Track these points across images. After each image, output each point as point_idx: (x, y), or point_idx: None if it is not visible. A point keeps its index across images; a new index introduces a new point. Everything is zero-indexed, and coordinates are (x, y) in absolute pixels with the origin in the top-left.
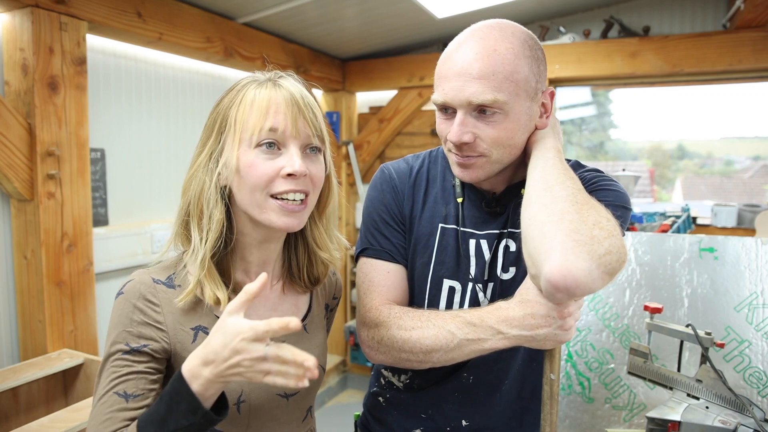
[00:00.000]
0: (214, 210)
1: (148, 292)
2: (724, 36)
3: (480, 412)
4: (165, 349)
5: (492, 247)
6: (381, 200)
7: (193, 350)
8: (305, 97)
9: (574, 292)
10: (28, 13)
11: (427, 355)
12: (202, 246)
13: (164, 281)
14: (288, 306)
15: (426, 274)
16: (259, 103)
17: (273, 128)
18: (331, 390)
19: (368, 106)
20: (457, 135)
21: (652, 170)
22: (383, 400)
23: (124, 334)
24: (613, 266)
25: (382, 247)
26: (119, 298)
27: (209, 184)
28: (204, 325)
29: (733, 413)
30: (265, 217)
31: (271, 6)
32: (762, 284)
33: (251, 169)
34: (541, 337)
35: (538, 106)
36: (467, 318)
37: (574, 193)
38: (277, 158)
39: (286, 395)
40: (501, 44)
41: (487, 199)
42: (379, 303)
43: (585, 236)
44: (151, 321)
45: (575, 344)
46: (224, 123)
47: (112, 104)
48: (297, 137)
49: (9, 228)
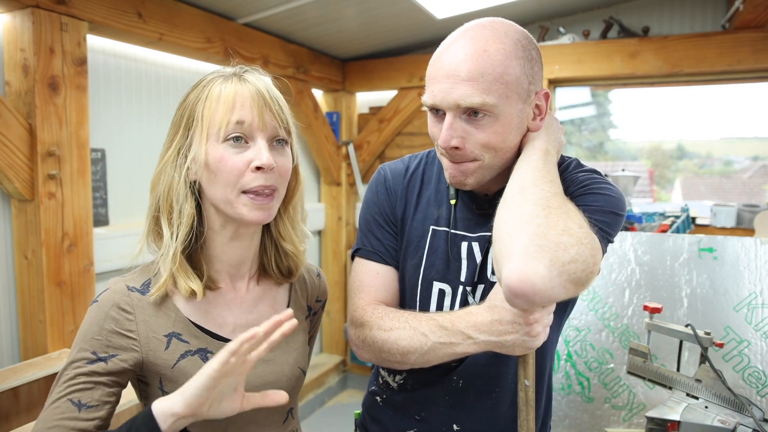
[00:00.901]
0: (185, 204)
1: (122, 300)
2: (724, 36)
3: (471, 417)
4: (135, 359)
5: (483, 250)
6: (375, 201)
7: (166, 357)
8: (271, 90)
9: (533, 299)
10: (29, 14)
11: (404, 357)
12: (173, 241)
13: (139, 288)
14: (265, 307)
15: (416, 277)
16: (225, 98)
17: (240, 121)
18: (331, 390)
19: (368, 107)
20: (445, 139)
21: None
22: (380, 399)
23: (92, 341)
24: (578, 276)
25: (373, 249)
26: (93, 306)
27: (178, 180)
28: (177, 332)
29: (733, 413)
30: (236, 212)
31: (271, 6)
32: (761, 284)
33: (221, 163)
34: (510, 344)
35: (532, 108)
36: (440, 321)
37: (547, 197)
38: (245, 151)
39: None
40: (492, 44)
41: (480, 201)
42: (366, 303)
43: (550, 242)
44: (122, 330)
45: (575, 344)
46: (191, 118)
47: (113, 104)
48: (264, 130)
49: (9, 228)
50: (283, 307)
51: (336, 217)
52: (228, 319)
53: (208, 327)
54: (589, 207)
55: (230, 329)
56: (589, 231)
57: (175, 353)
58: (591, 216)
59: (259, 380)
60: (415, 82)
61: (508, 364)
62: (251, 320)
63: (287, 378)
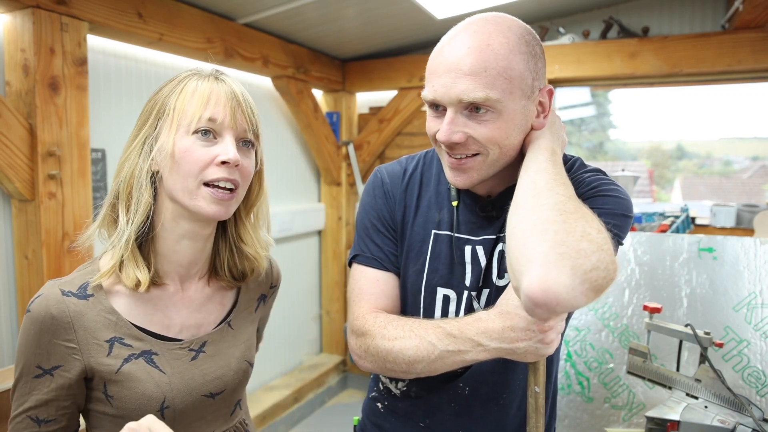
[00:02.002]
0: (143, 192)
1: (56, 308)
2: (723, 36)
3: (477, 425)
4: (79, 368)
5: (488, 253)
6: (372, 205)
7: (109, 362)
8: (244, 93)
9: (555, 309)
10: (29, 14)
11: (411, 366)
12: (128, 227)
13: (75, 292)
14: (213, 305)
15: (419, 283)
16: (200, 93)
17: (212, 118)
18: (331, 390)
19: (368, 107)
20: (446, 134)
21: (651, 170)
22: (381, 406)
23: (34, 355)
24: (599, 283)
25: (372, 255)
26: (26, 317)
27: (141, 168)
28: (120, 336)
29: (732, 412)
30: (194, 204)
31: (271, 6)
32: (761, 284)
33: (186, 154)
34: (522, 351)
35: (535, 105)
36: (447, 329)
37: (563, 201)
38: (213, 146)
39: (212, 394)
40: (495, 38)
41: (483, 202)
42: (366, 311)
43: (571, 249)
44: (60, 341)
45: (575, 344)
46: (162, 109)
47: (113, 105)
48: (234, 128)
49: (10, 228)
50: (231, 302)
51: (336, 217)
52: (175, 320)
53: (152, 328)
54: (600, 210)
55: (177, 329)
56: (607, 236)
57: (119, 358)
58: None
59: (205, 375)
60: (415, 83)
61: (516, 371)
62: (199, 319)
63: (234, 372)
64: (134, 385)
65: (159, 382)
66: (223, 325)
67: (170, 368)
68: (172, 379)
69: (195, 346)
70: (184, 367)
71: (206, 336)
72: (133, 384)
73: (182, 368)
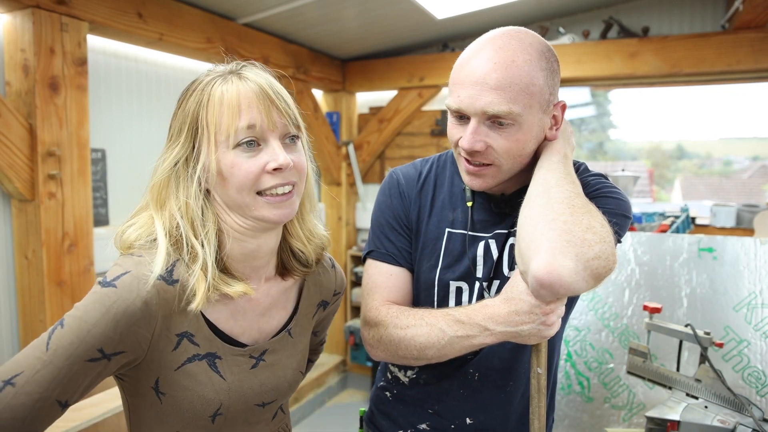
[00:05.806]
0: (206, 212)
1: (149, 295)
2: (723, 37)
3: (485, 412)
4: (138, 355)
5: (500, 247)
6: (388, 205)
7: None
8: (274, 86)
9: (558, 291)
10: (29, 14)
11: (422, 352)
12: (208, 249)
13: (164, 276)
14: (276, 310)
15: (432, 278)
16: (229, 101)
17: (250, 125)
18: (331, 390)
19: (368, 107)
20: (469, 143)
21: (651, 170)
22: (390, 395)
23: (102, 337)
24: (599, 271)
25: (386, 251)
26: (108, 293)
27: (194, 193)
28: (190, 332)
29: (732, 412)
30: (257, 214)
31: (271, 7)
32: (761, 284)
33: (234, 169)
34: (526, 333)
35: (550, 118)
36: (456, 316)
37: (571, 197)
38: (259, 154)
39: (263, 404)
40: (519, 55)
41: (497, 200)
42: (379, 303)
43: (576, 238)
44: (139, 328)
45: (575, 344)
46: (194, 125)
47: (113, 105)
48: (274, 130)
49: (10, 228)
50: (292, 307)
51: (336, 217)
52: (241, 322)
53: (220, 327)
54: (602, 209)
55: (240, 332)
56: (610, 230)
57: (183, 355)
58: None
59: (263, 386)
60: (415, 83)
61: (522, 360)
62: (262, 323)
63: (288, 382)
64: (193, 386)
65: (218, 388)
66: (284, 333)
67: (231, 375)
68: (231, 387)
69: (256, 353)
70: (243, 375)
71: (267, 344)
72: (192, 385)
73: (242, 376)
